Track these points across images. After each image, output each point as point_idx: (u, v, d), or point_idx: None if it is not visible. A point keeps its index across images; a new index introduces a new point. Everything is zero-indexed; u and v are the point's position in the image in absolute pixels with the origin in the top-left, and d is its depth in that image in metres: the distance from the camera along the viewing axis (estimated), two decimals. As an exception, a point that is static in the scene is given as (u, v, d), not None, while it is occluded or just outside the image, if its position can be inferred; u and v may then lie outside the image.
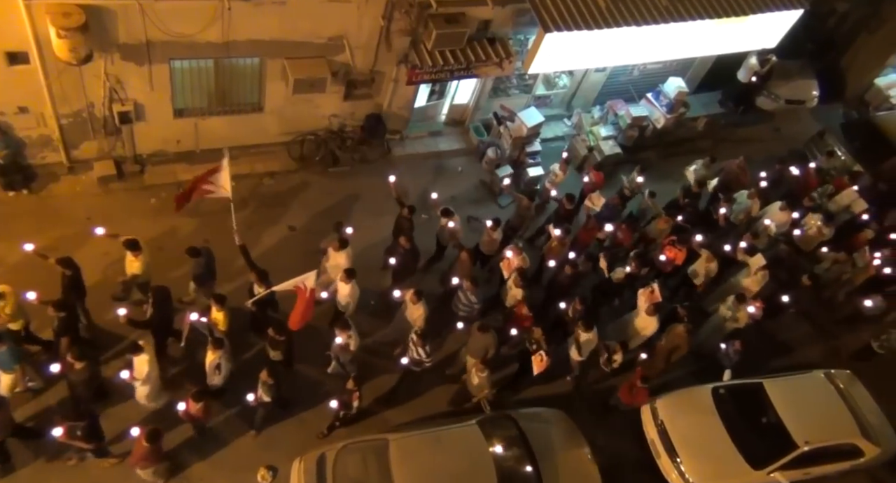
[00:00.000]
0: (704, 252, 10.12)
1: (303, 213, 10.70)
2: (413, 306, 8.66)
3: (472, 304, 9.12)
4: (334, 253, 8.92)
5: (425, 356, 8.45)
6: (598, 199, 10.58)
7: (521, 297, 9.14)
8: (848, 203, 11.89)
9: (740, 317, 9.64)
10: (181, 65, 9.42)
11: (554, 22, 9.67)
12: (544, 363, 8.49)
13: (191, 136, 10.48)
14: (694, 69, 13.49)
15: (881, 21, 14.29)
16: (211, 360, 7.84)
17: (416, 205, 10.20)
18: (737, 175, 11.74)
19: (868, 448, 9.34)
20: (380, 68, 10.57)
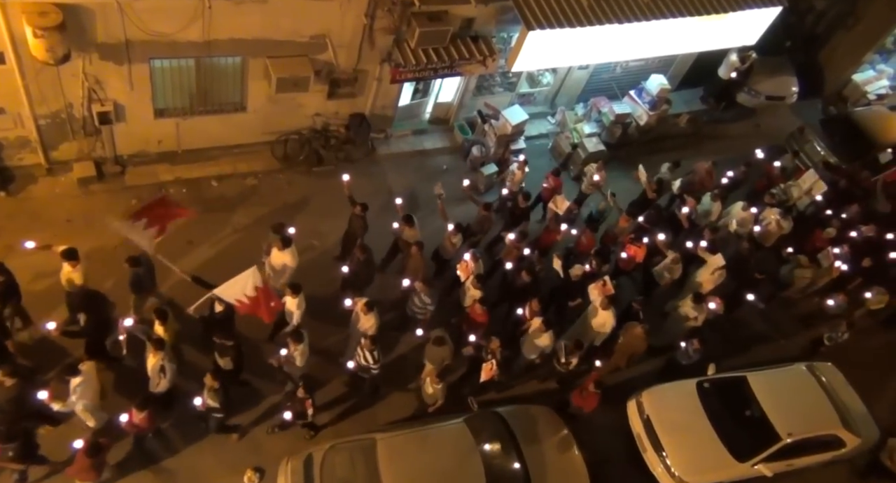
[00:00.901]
0: (671, 253, 10.06)
1: (287, 213, 10.59)
2: (364, 317, 8.41)
3: (425, 305, 8.92)
4: (278, 252, 8.68)
5: (373, 362, 8.20)
6: (563, 201, 10.43)
7: (479, 297, 8.98)
8: (809, 186, 11.82)
9: (700, 317, 9.63)
10: (161, 64, 9.32)
11: (537, 20, 9.69)
12: (493, 372, 8.38)
13: (172, 136, 10.37)
14: (676, 66, 13.59)
15: (857, 18, 14.51)
16: (153, 364, 7.53)
17: (406, 205, 10.14)
18: (703, 178, 11.70)
19: (849, 439, 9.50)
20: (363, 67, 10.53)
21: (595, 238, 10.67)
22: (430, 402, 8.56)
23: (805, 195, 12.00)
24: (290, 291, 8.26)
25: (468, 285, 9.15)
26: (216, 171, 10.77)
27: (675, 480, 9.00)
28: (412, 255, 9.19)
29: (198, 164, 10.69)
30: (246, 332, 8.80)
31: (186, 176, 10.57)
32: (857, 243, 11.38)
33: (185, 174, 10.58)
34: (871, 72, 15.72)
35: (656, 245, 10.17)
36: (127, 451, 8.03)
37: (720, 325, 10.51)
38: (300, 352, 7.99)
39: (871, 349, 11.43)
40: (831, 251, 10.90)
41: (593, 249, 10.23)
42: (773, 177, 12.28)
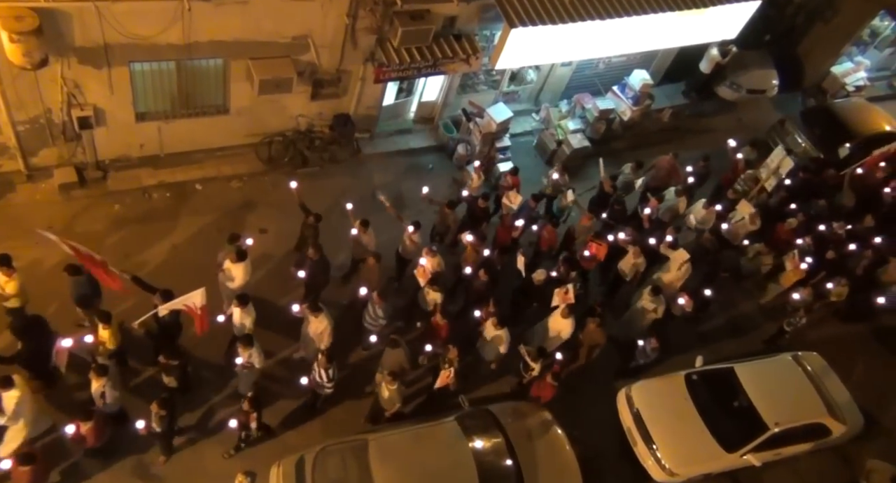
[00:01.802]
0: (632, 248, 10.02)
1: (273, 215, 10.56)
2: (315, 320, 8.16)
3: (377, 318, 8.75)
4: (231, 265, 8.33)
5: (327, 381, 8.01)
6: (516, 197, 10.37)
7: (440, 300, 8.79)
8: (777, 164, 11.66)
9: (658, 309, 9.58)
10: (142, 67, 9.22)
11: (519, 17, 9.73)
12: (448, 380, 8.25)
13: (155, 140, 10.26)
14: (657, 61, 13.69)
15: (835, 11, 14.67)
16: (95, 389, 7.29)
17: (395, 204, 10.09)
18: (667, 172, 11.63)
19: (835, 427, 9.63)
20: (346, 67, 10.49)
21: (556, 234, 10.54)
22: (388, 407, 8.35)
23: (773, 175, 11.83)
24: (238, 303, 7.95)
25: (427, 289, 8.94)
26: (200, 174, 10.67)
27: (666, 472, 9.08)
28: (369, 267, 9.00)
29: (181, 167, 10.59)
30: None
31: (170, 180, 10.48)
32: (822, 236, 11.41)
33: (169, 178, 10.48)
34: (848, 64, 15.95)
35: (618, 243, 10.12)
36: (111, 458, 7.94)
37: (687, 321, 10.53)
38: (255, 354, 7.81)
39: (832, 337, 11.62)
40: (795, 253, 10.87)
41: (561, 255, 10.11)
42: (737, 170, 12.16)
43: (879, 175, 12.88)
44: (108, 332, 7.56)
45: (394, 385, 8.05)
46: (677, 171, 11.70)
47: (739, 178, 12.09)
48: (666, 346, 9.79)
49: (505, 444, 8.34)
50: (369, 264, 8.97)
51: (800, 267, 10.72)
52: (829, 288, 10.64)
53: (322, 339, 8.26)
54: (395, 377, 8.05)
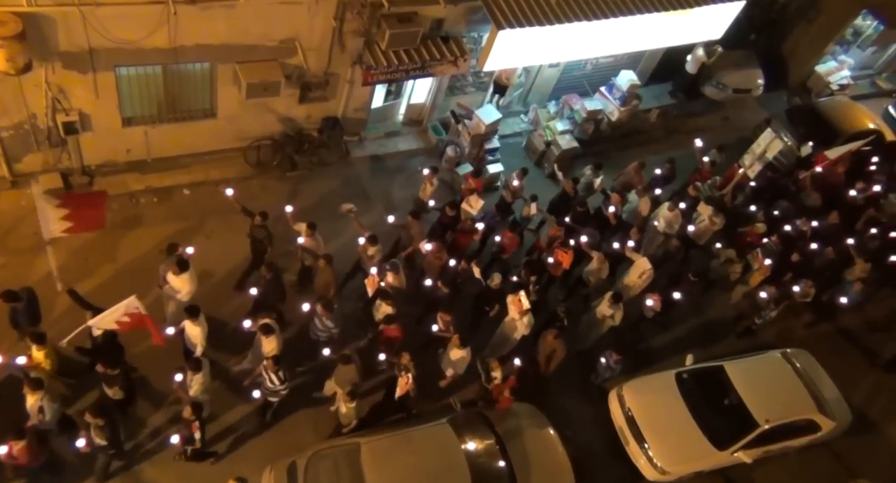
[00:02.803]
0: (596, 254, 9.94)
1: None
2: (265, 339, 7.91)
3: (329, 329, 8.53)
4: (174, 278, 8.00)
5: (279, 384, 7.82)
6: (477, 201, 10.16)
7: (392, 311, 8.58)
8: (764, 147, 11.58)
9: (616, 316, 9.47)
10: (127, 72, 9.16)
11: (506, 19, 9.75)
12: (408, 387, 8.04)
13: (141, 144, 10.19)
14: (644, 62, 13.77)
15: (818, 11, 14.84)
16: (31, 404, 6.96)
17: (382, 207, 10.06)
18: (632, 177, 11.65)
19: (825, 422, 9.71)
20: (334, 70, 10.47)
21: (517, 239, 10.36)
22: (346, 423, 8.23)
23: (758, 161, 11.79)
24: (188, 315, 7.73)
25: (378, 301, 8.75)
26: (188, 179, 10.61)
27: (658, 471, 9.13)
28: (320, 269, 8.78)
29: (169, 172, 10.52)
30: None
31: (157, 185, 10.41)
32: (788, 237, 11.37)
33: (156, 183, 10.41)
34: (832, 63, 16.12)
35: (582, 248, 10.01)
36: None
37: (656, 323, 10.53)
38: (198, 381, 7.52)
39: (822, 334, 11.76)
40: (759, 253, 10.90)
41: (525, 259, 9.96)
42: (703, 172, 12.15)
43: (840, 170, 12.79)
44: (43, 354, 7.24)
45: (352, 403, 7.90)
46: (640, 176, 11.67)
47: (706, 181, 12.03)
48: (645, 350, 9.83)
49: (497, 446, 8.35)
50: (321, 266, 8.78)
51: (764, 264, 10.73)
52: (795, 290, 10.62)
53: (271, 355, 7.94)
54: (354, 396, 7.87)
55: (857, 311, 11.92)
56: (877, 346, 11.86)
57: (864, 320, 12.12)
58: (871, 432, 10.82)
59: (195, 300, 8.19)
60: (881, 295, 12.13)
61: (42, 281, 8.87)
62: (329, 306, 8.34)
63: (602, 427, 9.70)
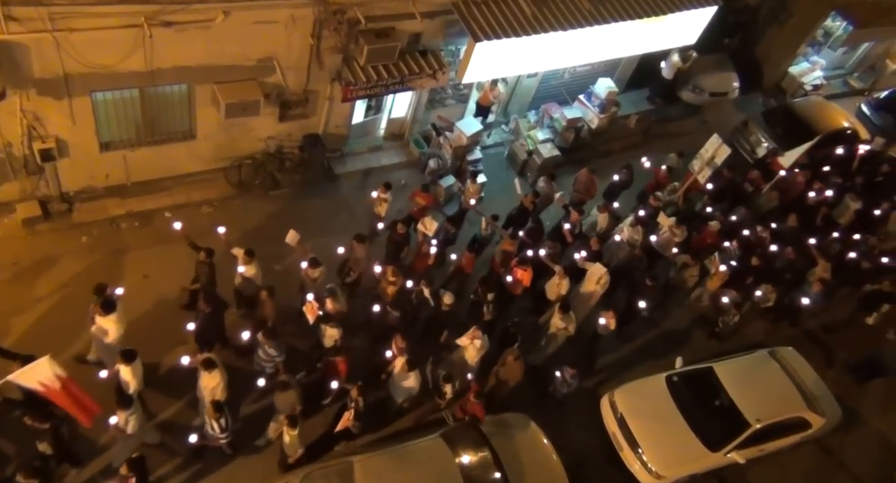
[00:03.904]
0: (558, 268, 9.85)
1: (246, 239, 10.34)
2: (207, 375, 7.56)
3: (272, 358, 8.21)
4: (101, 319, 7.62)
5: (220, 432, 7.45)
6: (431, 223, 9.83)
7: (339, 335, 8.34)
8: (712, 153, 11.58)
9: (570, 326, 9.41)
10: (104, 96, 9.09)
11: (483, 31, 9.84)
12: (349, 423, 7.80)
13: (120, 169, 10.11)
14: (621, 69, 13.93)
15: (789, 13, 15.13)
16: None
17: (367, 222, 9.98)
18: (586, 186, 11.60)
19: (815, 419, 9.79)
20: (313, 87, 10.47)
21: (474, 259, 10.14)
22: (291, 453, 7.88)
23: (707, 166, 11.74)
24: (122, 359, 7.36)
25: (323, 326, 8.46)
26: (169, 201, 10.53)
27: (653, 476, 9.13)
28: (262, 301, 8.48)
29: (149, 195, 10.44)
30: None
31: (138, 209, 10.32)
32: (748, 241, 11.40)
33: (137, 207, 10.32)
34: (805, 64, 16.44)
35: (541, 262, 9.90)
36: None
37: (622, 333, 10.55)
38: (133, 418, 7.16)
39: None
40: (715, 256, 10.88)
41: (480, 278, 9.72)
42: (660, 178, 12.15)
43: (801, 179, 12.84)
44: None
45: (295, 430, 7.57)
46: (594, 184, 11.64)
47: (664, 188, 12.06)
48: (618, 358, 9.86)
49: (492, 458, 8.31)
50: (262, 298, 8.45)
51: (720, 269, 10.69)
52: (757, 295, 10.59)
53: (215, 395, 7.61)
54: (295, 423, 7.53)
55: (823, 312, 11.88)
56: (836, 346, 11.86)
57: (832, 320, 12.10)
58: (861, 427, 10.92)
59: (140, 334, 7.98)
60: (841, 294, 12.14)
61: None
62: (271, 334, 8.04)
63: (595, 434, 9.69)
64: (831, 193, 12.71)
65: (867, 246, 11.95)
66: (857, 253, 11.79)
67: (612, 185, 12.07)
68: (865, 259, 11.81)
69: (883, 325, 11.78)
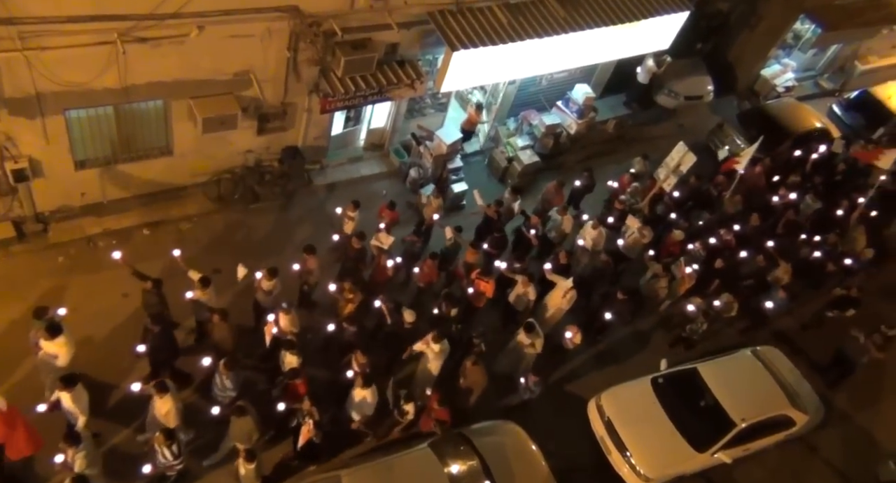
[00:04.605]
0: (520, 278, 9.72)
1: (227, 254, 10.30)
2: (160, 400, 7.29)
3: (225, 389, 7.96)
4: (47, 344, 7.32)
5: (172, 459, 7.17)
6: (386, 237, 9.66)
7: (297, 363, 8.06)
8: (678, 161, 11.56)
9: (536, 343, 9.28)
10: (78, 114, 8.98)
11: (459, 40, 9.90)
12: (310, 434, 7.61)
13: (96, 187, 9.97)
14: (598, 75, 14.07)
15: (759, 17, 15.42)
16: None
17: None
18: (553, 196, 11.61)
19: (798, 417, 9.90)
20: (291, 100, 10.44)
21: (436, 269, 9.92)
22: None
23: (672, 174, 11.70)
24: (62, 385, 7.00)
25: (283, 352, 8.22)
26: (147, 218, 10.41)
27: (641, 478, 9.16)
28: (215, 324, 8.23)
29: (126, 213, 10.31)
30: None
31: (115, 227, 10.18)
32: (713, 247, 11.37)
33: (114, 225, 10.18)
34: (777, 66, 16.75)
35: (504, 274, 9.81)
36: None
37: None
38: (81, 457, 6.82)
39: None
40: (681, 261, 10.90)
41: (443, 291, 9.65)
42: (623, 182, 12.22)
43: (759, 171, 12.91)
44: None
45: (252, 464, 7.28)
46: (560, 195, 11.67)
47: (626, 191, 12.11)
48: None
49: (481, 466, 8.28)
50: (215, 321, 8.21)
51: (686, 273, 10.73)
52: (716, 305, 10.55)
53: (168, 420, 7.37)
54: (252, 457, 7.28)
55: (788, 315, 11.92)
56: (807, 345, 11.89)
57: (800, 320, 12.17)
58: (844, 423, 11.06)
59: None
60: (808, 295, 12.22)
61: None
62: (231, 365, 7.78)
63: (584, 439, 9.72)
64: (794, 196, 12.76)
65: (829, 245, 12.02)
66: (822, 253, 11.83)
67: (574, 190, 12.16)
68: (829, 259, 11.85)
69: (845, 323, 11.59)
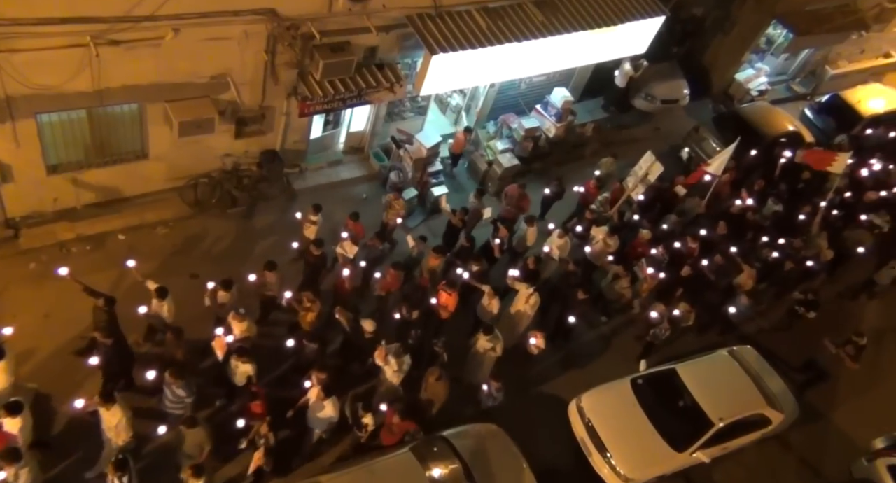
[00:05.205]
0: (486, 288, 9.66)
1: (204, 259, 10.23)
2: (107, 413, 7.04)
3: (181, 398, 7.70)
4: None
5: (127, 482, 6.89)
6: (351, 246, 9.48)
7: (252, 371, 7.83)
8: (646, 170, 11.55)
9: (497, 347, 9.23)
10: (50, 118, 8.81)
11: (439, 44, 9.92)
12: (260, 462, 7.49)
13: (69, 192, 9.79)
14: (576, 78, 14.19)
15: (733, 22, 15.69)
16: None
17: (329, 237, 9.59)
18: (517, 201, 11.46)
19: (774, 416, 10.05)
20: (270, 103, 10.36)
21: (399, 277, 9.70)
22: None
23: (641, 183, 11.71)
24: (6, 413, 6.79)
25: (234, 361, 7.98)
26: (122, 223, 10.23)
27: (622, 479, 9.22)
28: (167, 341, 8.03)
29: (101, 218, 10.13)
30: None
31: (89, 232, 10.00)
32: (678, 253, 11.34)
33: (88, 230, 10.00)
34: (750, 70, 17.04)
35: (469, 284, 9.71)
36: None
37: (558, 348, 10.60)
38: (24, 472, 6.64)
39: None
40: (643, 262, 10.94)
41: (403, 296, 9.57)
42: (590, 189, 12.20)
43: (725, 180, 12.93)
44: None
45: (200, 479, 6.99)
46: (526, 198, 11.62)
47: (596, 199, 12.13)
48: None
49: (462, 470, 8.28)
50: (168, 339, 8.01)
51: (648, 273, 10.78)
52: (675, 314, 10.42)
53: (119, 433, 7.15)
54: (200, 472, 6.97)
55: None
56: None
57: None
58: (819, 421, 11.26)
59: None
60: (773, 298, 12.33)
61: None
62: (179, 373, 7.53)
63: (565, 441, 9.76)
64: (752, 201, 12.77)
65: (792, 248, 12.13)
66: (782, 255, 11.91)
67: (545, 198, 12.16)
68: (791, 261, 11.93)
69: (814, 328, 11.76)
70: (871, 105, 16.60)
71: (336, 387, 8.13)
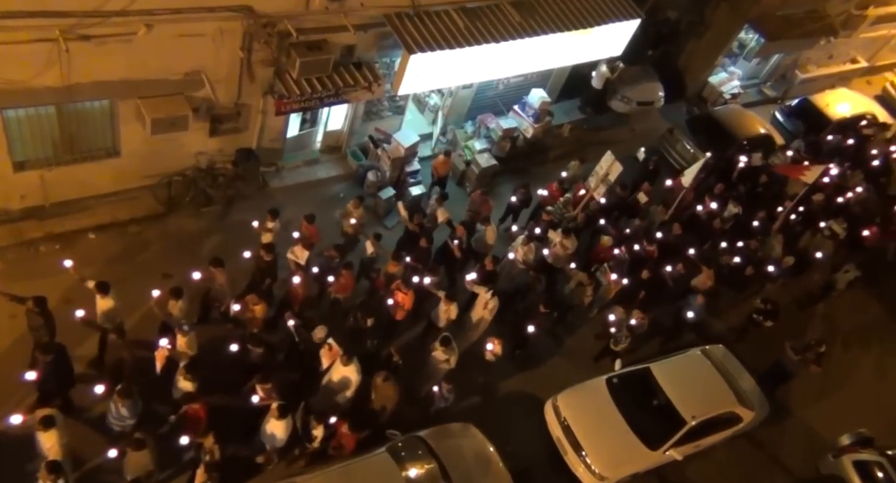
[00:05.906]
0: (441, 294, 9.56)
1: (177, 258, 10.02)
2: (44, 435, 6.71)
3: (123, 418, 7.35)
4: None
5: None
6: (302, 251, 9.28)
7: (192, 389, 7.51)
8: (606, 170, 11.48)
9: (451, 359, 9.07)
10: (17, 114, 8.59)
11: (417, 43, 9.90)
12: (204, 478, 7.15)
13: (37, 189, 9.55)
14: (553, 80, 14.29)
15: (706, 26, 15.96)
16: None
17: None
18: (479, 206, 11.42)
19: (745, 413, 10.26)
20: (245, 101, 10.24)
21: (353, 280, 9.59)
22: None
23: (602, 183, 11.61)
24: None
25: (178, 376, 7.66)
26: (93, 222, 10.02)
27: (597, 477, 9.32)
28: (110, 344, 7.79)
29: (70, 216, 9.91)
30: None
31: (58, 230, 9.77)
32: (638, 256, 11.40)
33: (57, 228, 9.78)
34: (723, 74, 17.36)
35: (426, 288, 9.60)
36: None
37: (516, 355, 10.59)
38: None
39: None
40: (605, 267, 11.01)
41: (358, 302, 9.47)
42: (552, 191, 12.22)
43: (689, 196, 12.97)
44: None
45: None
46: (487, 204, 11.48)
47: (557, 201, 12.14)
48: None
49: (438, 469, 8.29)
50: (111, 341, 7.80)
51: (611, 278, 10.85)
52: (632, 324, 10.38)
53: (54, 455, 6.73)
54: None
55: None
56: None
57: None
58: (787, 419, 11.51)
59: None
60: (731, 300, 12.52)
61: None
62: (126, 393, 7.15)
63: (541, 439, 9.82)
64: (716, 205, 12.89)
65: (749, 250, 12.29)
66: (743, 260, 12.05)
67: (511, 205, 12.09)
68: (749, 264, 12.07)
69: (774, 334, 11.86)
70: (838, 109, 17.05)
71: (293, 406, 7.80)
